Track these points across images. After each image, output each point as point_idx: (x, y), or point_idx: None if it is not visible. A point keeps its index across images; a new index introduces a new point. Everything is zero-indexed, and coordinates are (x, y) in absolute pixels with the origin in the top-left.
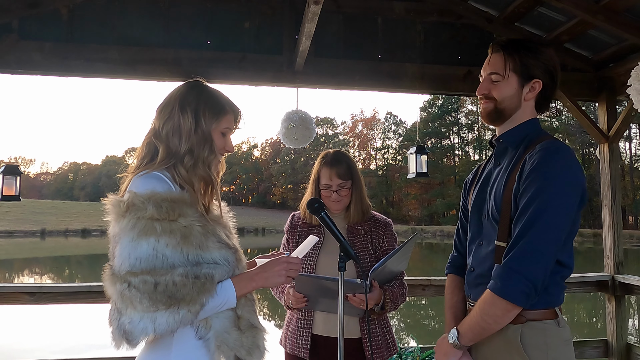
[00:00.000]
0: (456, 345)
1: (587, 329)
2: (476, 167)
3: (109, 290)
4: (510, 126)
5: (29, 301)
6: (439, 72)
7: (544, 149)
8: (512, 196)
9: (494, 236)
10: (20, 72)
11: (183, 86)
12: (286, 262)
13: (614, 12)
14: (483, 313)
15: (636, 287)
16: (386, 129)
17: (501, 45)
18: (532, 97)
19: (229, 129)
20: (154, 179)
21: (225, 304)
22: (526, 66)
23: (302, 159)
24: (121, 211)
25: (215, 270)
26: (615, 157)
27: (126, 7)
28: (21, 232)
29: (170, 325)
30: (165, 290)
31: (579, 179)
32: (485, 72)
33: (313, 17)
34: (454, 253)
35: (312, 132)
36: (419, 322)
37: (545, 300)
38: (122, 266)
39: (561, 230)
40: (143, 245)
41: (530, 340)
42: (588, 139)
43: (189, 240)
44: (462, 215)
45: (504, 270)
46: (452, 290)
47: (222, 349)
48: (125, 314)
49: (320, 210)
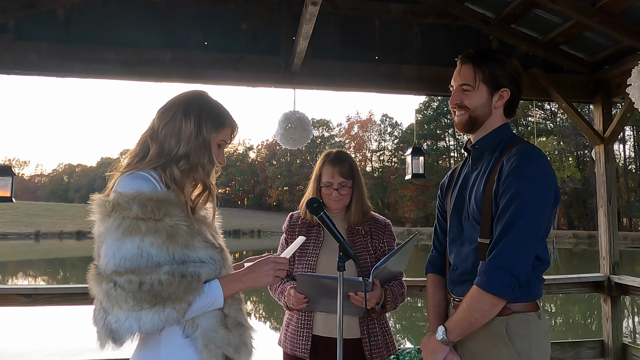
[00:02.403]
0: (444, 342)
1: (582, 331)
2: (451, 171)
3: (94, 289)
4: (483, 133)
5: (25, 303)
6: (436, 73)
7: (519, 153)
8: (492, 196)
9: (475, 235)
10: (17, 73)
11: (188, 93)
12: (274, 262)
13: (610, 14)
14: (470, 308)
15: (632, 287)
16: (382, 131)
17: (470, 57)
18: (501, 105)
19: (225, 142)
20: (139, 179)
21: (212, 304)
22: (494, 76)
23: (298, 161)
24: (106, 211)
25: (202, 269)
26: (611, 158)
27: (123, 8)
28: (15, 234)
29: (156, 323)
30: (151, 289)
31: (552, 180)
32: (456, 83)
33: (311, 17)
34: (432, 253)
35: (309, 133)
36: (414, 324)
37: (527, 293)
38: (107, 266)
39: (539, 227)
40: (127, 245)
41: (514, 331)
42: (583, 141)
43: (174, 240)
44: (439, 215)
45: (489, 266)
46: (434, 289)
47: (209, 348)
48: (112, 313)
49: (320, 210)
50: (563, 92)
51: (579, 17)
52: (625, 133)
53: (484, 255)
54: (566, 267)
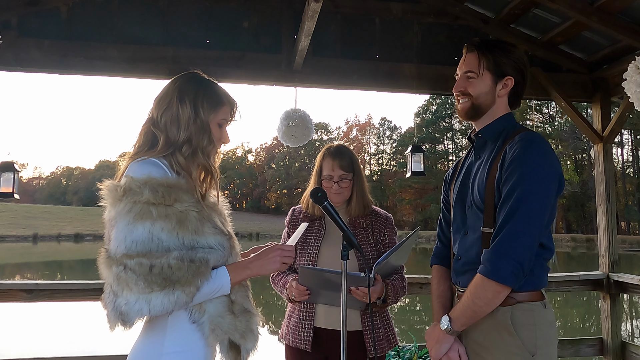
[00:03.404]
0: (449, 331)
1: (580, 334)
2: (455, 163)
3: (104, 273)
4: (487, 121)
5: (26, 299)
6: (436, 72)
7: (523, 140)
8: (495, 184)
9: (478, 225)
10: (19, 70)
11: (181, 77)
12: (280, 249)
13: (608, 13)
14: (474, 296)
15: (630, 285)
16: (380, 135)
17: (475, 45)
18: (505, 94)
19: (225, 121)
20: (150, 164)
21: (219, 290)
22: (499, 64)
23: (296, 164)
24: (118, 195)
25: (211, 255)
26: (610, 157)
27: (125, 6)
28: (13, 236)
29: (165, 306)
30: (161, 272)
31: (556, 167)
32: (461, 71)
33: (313, 15)
34: (437, 245)
35: (310, 131)
36: (412, 327)
37: (531, 282)
38: (118, 249)
39: (543, 214)
40: (139, 229)
41: (519, 320)
42: (581, 145)
43: (184, 225)
44: (443, 208)
45: (492, 254)
46: (439, 280)
47: (216, 333)
48: (121, 295)
49: (324, 200)
50: (562, 92)
51: (578, 16)
52: (623, 137)
53: (488, 244)
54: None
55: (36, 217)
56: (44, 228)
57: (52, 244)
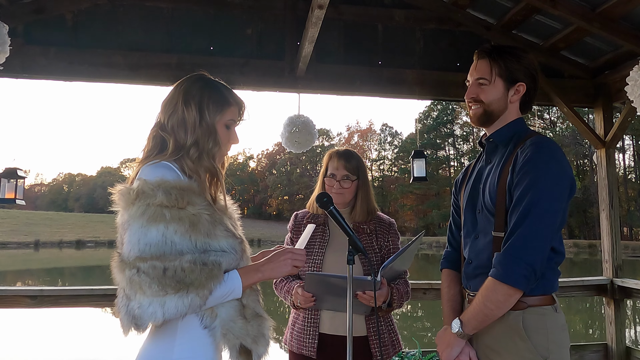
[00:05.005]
0: (460, 335)
1: (584, 340)
2: (465, 167)
3: (117, 277)
4: (498, 126)
5: (31, 304)
6: (438, 78)
7: (534, 144)
8: (507, 188)
9: (489, 229)
10: (25, 77)
11: (187, 79)
12: (291, 252)
13: (610, 19)
14: (486, 300)
15: (635, 290)
16: (382, 140)
17: (486, 52)
18: (517, 100)
19: (233, 121)
20: (163, 167)
21: (231, 294)
22: (510, 71)
23: (298, 170)
24: (131, 198)
25: (223, 258)
26: (612, 163)
27: (130, 13)
28: (15, 243)
29: (180, 309)
30: (174, 275)
31: (567, 171)
32: (473, 78)
33: (317, 21)
34: (447, 249)
35: (314, 136)
36: (415, 334)
37: (543, 286)
38: (131, 252)
39: (554, 217)
40: (152, 232)
41: (531, 324)
42: (582, 150)
43: (197, 228)
44: (454, 212)
45: (504, 257)
46: (449, 284)
47: (227, 337)
48: (135, 299)
49: (330, 204)
50: (564, 97)
51: (580, 22)
52: (625, 142)
53: (499, 248)
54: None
55: (38, 224)
56: (45, 234)
57: (53, 250)
